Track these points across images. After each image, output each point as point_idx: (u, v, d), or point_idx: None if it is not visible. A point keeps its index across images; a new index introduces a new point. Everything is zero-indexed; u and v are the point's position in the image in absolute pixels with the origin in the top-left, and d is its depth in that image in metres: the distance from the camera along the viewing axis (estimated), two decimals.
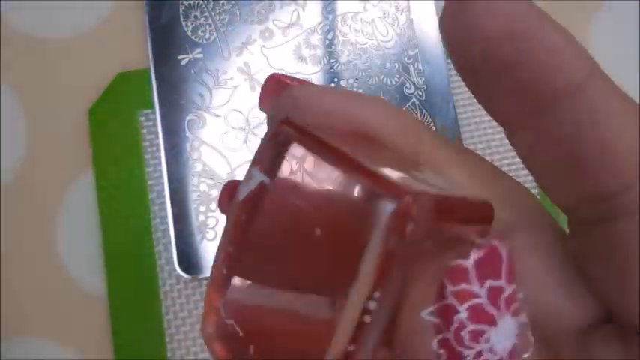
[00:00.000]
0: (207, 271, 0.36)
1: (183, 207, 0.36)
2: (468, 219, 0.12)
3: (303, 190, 0.12)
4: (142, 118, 0.38)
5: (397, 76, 0.37)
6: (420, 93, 0.37)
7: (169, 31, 0.37)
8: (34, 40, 0.39)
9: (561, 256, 0.14)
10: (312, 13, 0.38)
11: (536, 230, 0.14)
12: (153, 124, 0.38)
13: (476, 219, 0.12)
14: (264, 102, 0.16)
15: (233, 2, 0.38)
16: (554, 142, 0.13)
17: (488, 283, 0.11)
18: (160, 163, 0.37)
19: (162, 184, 0.36)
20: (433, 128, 0.36)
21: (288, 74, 0.15)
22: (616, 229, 0.13)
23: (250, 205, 0.13)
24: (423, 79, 0.37)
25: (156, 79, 0.37)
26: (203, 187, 0.36)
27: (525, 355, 0.12)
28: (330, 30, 0.38)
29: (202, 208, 0.36)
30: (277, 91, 0.15)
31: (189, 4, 0.38)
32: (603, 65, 0.13)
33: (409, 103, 0.37)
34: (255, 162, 0.13)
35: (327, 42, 0.37)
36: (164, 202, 0.36)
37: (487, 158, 0.36)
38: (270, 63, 0.37)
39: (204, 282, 0.36)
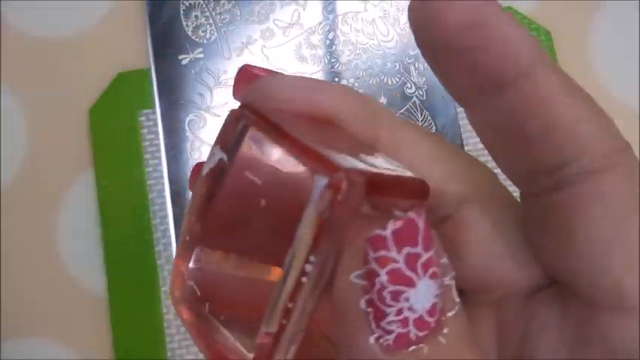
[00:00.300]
0: None
1: (183, 207, 0.36)
2: (401, 194, 0.13)
3: (256, 167, 0.14)
4: (142, 118, 0.38)
5: (398, 76, 0.37)
6: (421, 93, 0.37)
7: (170, 31, 0.37)
8: (34, 40, 0.39)
9: (510, 227, 0.16)
10: (313, 13, 0.38)
11: (488, 204, 0.16)
12: (153, 124, 0.38)
13: (409, 194, 0.13)
14: (238, 92, 0.17)
15: (234, 2, 0.38)
16: (505, 119, 0.14)
17: (406, 250, 0.12)
18: (160, 163, 0.37)
19: (163, 184, 0.36)
20: (434, 128, 0.36)
21: (260, 66, 0.17)
22: (555, 200, 0.14)
23: (210, 179, 0.15)
24: (424, 79, 0.37)
25: (156, 79, 0.37)
26: None
27: (450, 314, 0.13)
28: (330, 30, 0.38)
29: None
30: (249, 81, 0.16)
31: (190, 3, 0.38)
32: (603, 65, 0.14)
33: (410, 103, 0.37)
34: (216, 141, 0.15)
35: (328, 42, 0.37)
36: (164, 202, 0.36)
37: (488, 157, 0.36)
38: (271, 63, 0.37)
39: None
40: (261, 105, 0.15)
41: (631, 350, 0.14)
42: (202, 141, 0.36)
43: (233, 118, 0.15)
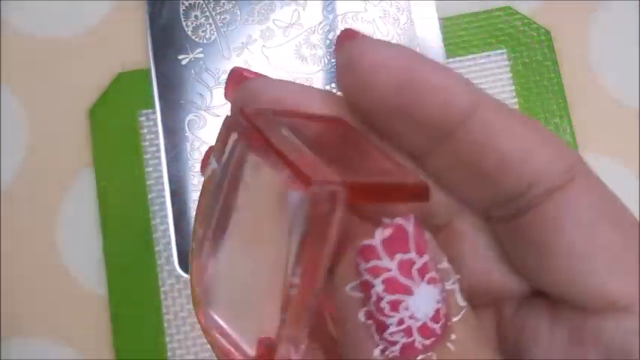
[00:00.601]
0: None
1: (183, 207, 0.36)
2: (395, 198, 0.13)
3: (245, 176, 0.14)
4: (142, 118, 0.38)
5: None
6: None
7: (170, 31, 0.37)
8: (34, 40, 0.39)
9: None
10: (313, 13, 0.38)
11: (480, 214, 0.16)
12: (153, 124, 0.38)
13: (403, 198, 0.13)
14: (228, 93, 0.18)
15: (234, 2, 0.38)
16: (458, 162, 0.15)
17: (398, 257, 0.12)
18: (160, 163, 0.37)
19: (162, 184, 0.36)
20: None
21: (250, 69, 0.17)
22: (524, 222, 0.15)
23: (207, 190, 0.15)
24: None
25: (156, 79, 0.37)
26: None
27: (455, 319, 0.13)
28: (330, 30, 0.38)
29: None
30: (238, 82, 0.17)
31: (190, 3, 0.38)
32: (603, 65, 0.14)
33: None
34: (212, 149, 0.15)
35: (328, 42, 0.37)
36: (164, 202, 0.36)
37: None
38: (271, 63, 0.37)
39: None
40: (252, 105, 0.15)
41: (626, 348, 0.14)
42: (202, 141, 0.36)
43: (226, 128, 0.15)
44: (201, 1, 0.38)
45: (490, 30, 0.38)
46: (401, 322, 0.12)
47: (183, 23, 0.38)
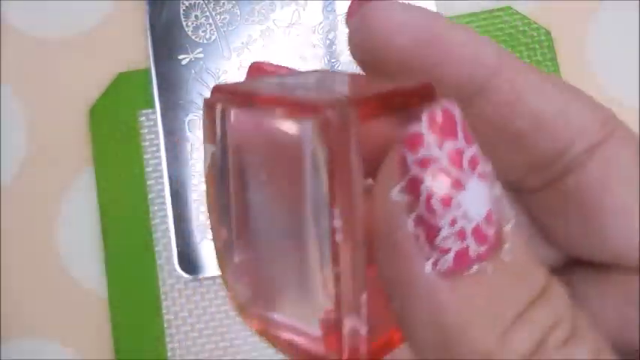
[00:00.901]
0: (207, 271, 0.35)
1: (183, 207, 0.36)
2: (403, 103, 0.12)
3: (248, 145, 0.13)
4: (142, 118, 0.38)
5: None
6: None
7: (170, 31, 0.37)
8: (34, 40, 0.39)
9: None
10: (313, 13, 0.38)
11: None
12: (153, 124, 0.37)
13: (412, 101, 0.12)
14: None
15: (234, 2, 0.38)
16: (490, 125, 0.14)
17: (447, 145, 0.11)
18: (160, 163, 0.37)
19: (163, 184, 0.36)
20: None
21: None
22: (569, 183, 0.14)
23: (211, 177, 0.14)
24: None
25: (156, 79, 0.37)
26: (203, 187, 0.36)
27: (507, 227, 0.11)
28: (330, 29, 0.38)
29: (203, 208, 0.36)
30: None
31: (190, 3, 0.38)
32: (603, 65, 0.14)
33: None
34: (204, 138, 0.14)
35: (328, 42, 0.37)
36: (164, 202, 0.36)
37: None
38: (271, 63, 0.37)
39: (205, 282, 0.36)
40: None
41: None
42: (202, 141, 0.36)
43: (208, 106, 0.13)
44: (201, 1, 0.38)
45: (490, 30, 0.38)
46: (454, 222, 0.11)
47: (183, 23, 0.38)
